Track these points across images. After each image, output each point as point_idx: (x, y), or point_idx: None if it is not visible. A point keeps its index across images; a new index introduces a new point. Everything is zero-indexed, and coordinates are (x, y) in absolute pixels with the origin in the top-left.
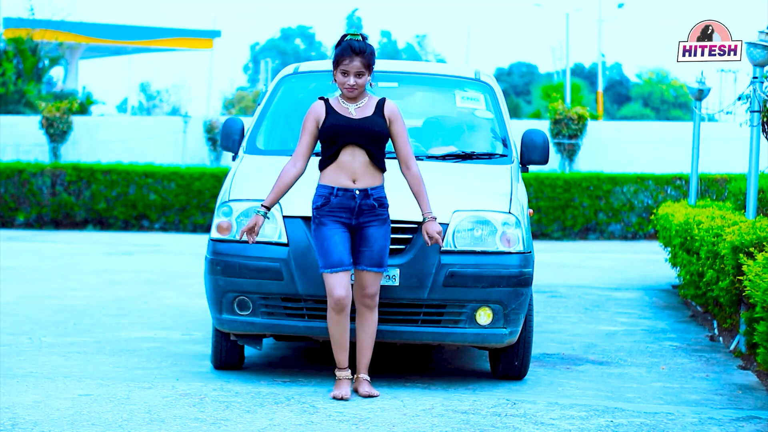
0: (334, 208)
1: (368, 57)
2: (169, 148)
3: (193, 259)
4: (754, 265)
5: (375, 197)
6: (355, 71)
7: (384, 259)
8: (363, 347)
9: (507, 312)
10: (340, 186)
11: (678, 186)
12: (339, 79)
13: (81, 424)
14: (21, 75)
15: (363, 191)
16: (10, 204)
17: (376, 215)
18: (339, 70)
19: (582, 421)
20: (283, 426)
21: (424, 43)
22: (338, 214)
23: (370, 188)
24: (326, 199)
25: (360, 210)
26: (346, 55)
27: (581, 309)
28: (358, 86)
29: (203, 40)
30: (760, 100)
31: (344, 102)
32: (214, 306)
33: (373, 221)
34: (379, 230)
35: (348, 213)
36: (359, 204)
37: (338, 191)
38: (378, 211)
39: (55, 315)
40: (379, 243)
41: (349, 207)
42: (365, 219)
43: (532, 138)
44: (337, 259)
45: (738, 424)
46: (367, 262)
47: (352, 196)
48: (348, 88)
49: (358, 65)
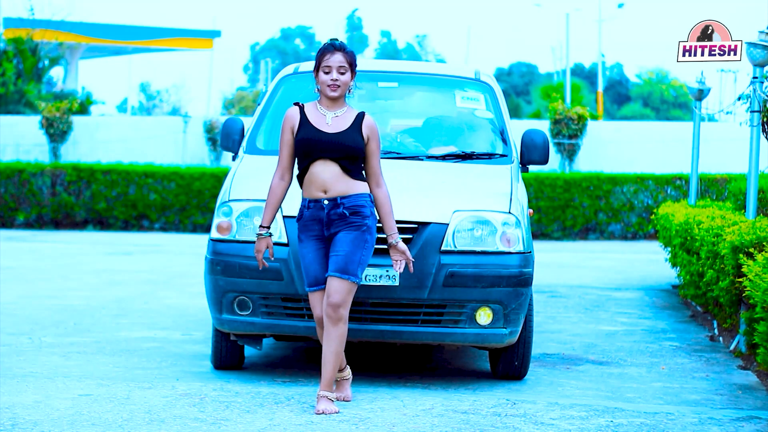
0: (307, 221)
1: (349, 54)
2: (169, 148)
3: (193, 259)
4: (754, 265)
5: (346, 206)
6: (338, 65)
7: (351, 266)
8: (325, 362)
9: (507, 312)
10: (311, 198)
11: (678, 186)
12: (321, 79)
13: (81, 424)
14: (21, 75)
15: (332, 200)
16: (10, 204)
17: (348, 223)
18: (321, 69)
19: (582, 421)
20: (283, 426)
21: (424, 43)
22: (311, 227)
23: (340, 197)
24: (301, 213)
25: (330, 220)
26: (327, 51)
27: (581, 309)
28: (341, 83)
29: (203, 40)
30: (760, 100)
31: (322, 108)
32: (214, 306)
33: (345, 227)
34: (348, 234)
35: (319, 225)
36: (328, 213)
37: (310, 203)
38: (350, 219)
39: (55, 315)
40: (346, 248)
41: (319, 218)
42: (336, 228)
43: (532, 138)
44: (312, 278)
45: (738, 424)
46: (332, 267)
47: (321, 206)
48: (331, 85)
49: (340, 59)
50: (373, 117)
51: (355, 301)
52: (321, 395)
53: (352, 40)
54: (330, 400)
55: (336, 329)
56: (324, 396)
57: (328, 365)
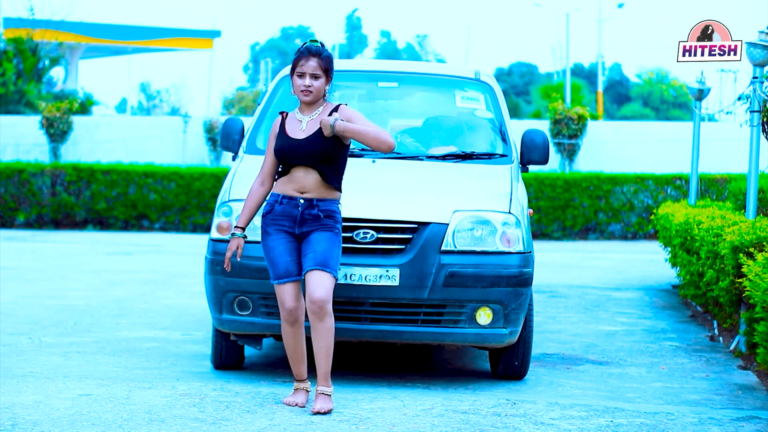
0: (276, 215)
1: (325, 60)
2: (169, 148)
3: (193, 259)
4: (754, 265)
5: (321, 208)
6: (311, 72)
7: (330, 261)
8: (318, 358)
9: (507, 312)
10: (285, 194)
11: (678, 186)
12: (296, 83)
13: (81, 424)
14: (21, 75)
15: (308, 201)
16: (10, 204)
17: (321, 224)
18: (296, 74)
19: (582, 421)
20: (283, 426)
21: (424, 43)
22: (281, 222)
23: (316, 199)
24: (271, 207)
25: (303, 219)
26: (303, 56)
27: (581, 309)
28: (314, 89)
29: (203, 40)
30: (760, 100)
31: (299, 114)
32: (214, 306)
33: (318, 228)
34: (323, 234)
35: (290, 221)
36: (302, 212)
37: (283, 199)
38: (324, 221)
39: (55, 315)
40: (323, 245)
41: (291, 215)
42: (308, 228)
43: (532, 138)
44: (283, 269)
45: (738, 424)
46: (310, 263)
47: (296, 204)
48: (303, 90)
49: (314, 65)
50: (373, 117)
51: (355, 301)
52: (319, 392)
53: (351, 40)
54: (327, 395)
55: (323, 324)
56: (323, 393)
57: (321, 360)
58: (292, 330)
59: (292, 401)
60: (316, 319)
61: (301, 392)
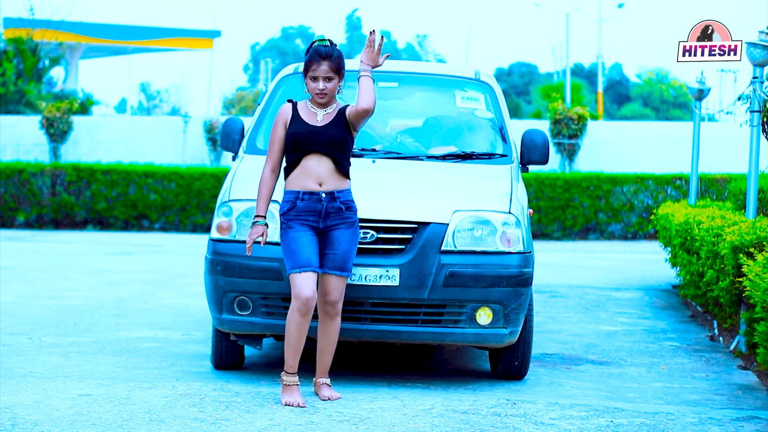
0: (300, 212)
1: (336, 61)
2: (169, 148)
3: (193, 259)
4: (754, 265)
5: (342, 200)
6: (324, 75)
7: (348, 263)
8: (323, 352)
9: (507, 312)
10: (306, 189)
11: (678, 186)
12: (309, 86)
13: (81, 424)
14: (21, 75)
15: (329, 194)
16: (10, 204)
17: (344, 218)
18: (309, 76)
19: (582, 421)
20: (283, 426)
21: (424, 43)
22: (306, 217)
23: (336, 191)
24: (293, 204)
25: (327, 213)
26: (314, 60)
27: (581, 309)
28: (328, 91)
29: (203, 40)
30: (760, 100)
31: (313, 107)
32: (214, 306)
33: (341, 224)
34: (345, 233)
35: (315, 216)
36: (326, 207)
37: (304, 195)
38: (345, 214)
39: (55, 315)
40: (344, 246)
41: (316, 210)
42: (332, 222)
43: (532, 138)
44: (305, 259)
45: (738, 424)
46: (330, 265)
47: (318, 198)
48: (318, 93)
49: (326, 68)
50: (373, 117)
51: (355, 301)
52: (321, 382)
53: (351, 40)
54: (330, 386)
55: (333, 322)
56: (325, 383)
57: (326, 355)
58: (301, 321)
59: (292, 401)
60: (327, 317)
61: (295, 390)
